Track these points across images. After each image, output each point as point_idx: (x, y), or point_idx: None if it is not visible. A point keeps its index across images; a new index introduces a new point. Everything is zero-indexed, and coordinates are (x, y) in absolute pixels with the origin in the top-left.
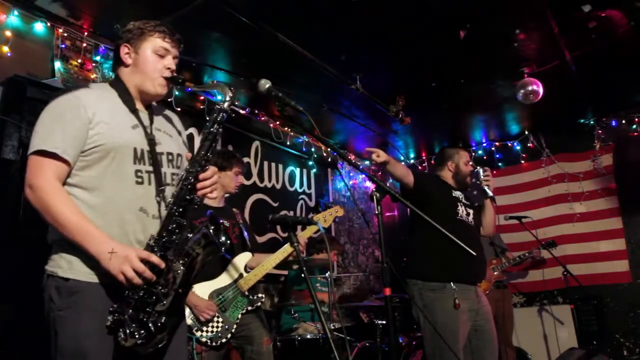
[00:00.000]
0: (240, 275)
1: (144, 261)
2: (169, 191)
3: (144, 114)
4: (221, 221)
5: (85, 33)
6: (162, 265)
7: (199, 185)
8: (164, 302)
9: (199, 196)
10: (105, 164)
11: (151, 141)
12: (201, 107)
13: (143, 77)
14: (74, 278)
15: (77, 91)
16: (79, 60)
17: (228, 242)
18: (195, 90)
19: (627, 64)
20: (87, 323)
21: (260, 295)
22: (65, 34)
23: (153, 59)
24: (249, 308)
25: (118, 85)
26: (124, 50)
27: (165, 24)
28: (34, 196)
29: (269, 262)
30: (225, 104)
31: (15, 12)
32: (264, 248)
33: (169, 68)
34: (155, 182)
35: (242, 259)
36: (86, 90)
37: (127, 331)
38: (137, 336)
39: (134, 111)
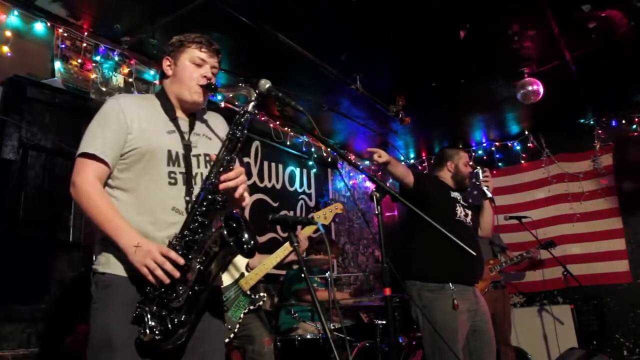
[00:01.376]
0: (242, 275)
1: (165, 257)
2: None
3: (183, 122)
4: (238, 215)
5: (85, 33)
6: (181, 261)
7: (221, 186)
8: (180, 299)
9: (222, 196)
10: (141, 166)
11: (186, 146)
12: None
13: (180, 86)
14: (109, 272)
15: (121, 98)
16: (79, 60)
17: (252, 241)
18: (226, 94)
19: (627, 64)
20: (116, 314)
21: (262, 294)
22: (65, 34)
23: (190, 69)
24: (251, 307)
25: (161, 95)
26: (165, 62)
27: (205, 36)
28: (75, 192)
29: (270, 261)
30: (250, 106)
31: (15, 12)
32: (263, 248)
33: (205, 76)
34: (187, 183)
35: (243, 258)
36: (129, 98)
37: (147, 326)
38: (155, 332)
39: (174, 119)
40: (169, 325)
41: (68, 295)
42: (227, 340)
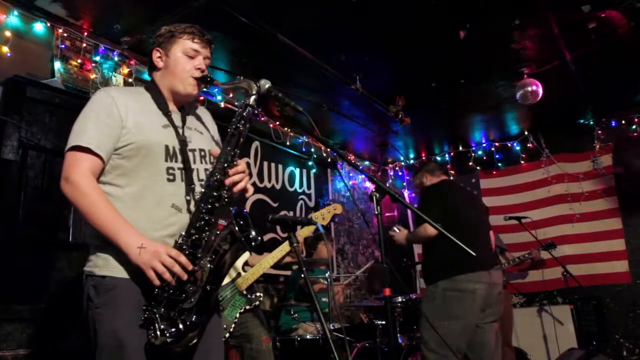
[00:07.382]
0: (238, 274)
1: (174, 259)
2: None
3: (176, 115)
4: (246, 213)
5: (85, 33)
6: (190, 266)
7: (227, 180)
8: (192, 299)
9: (227, 192)
10: (137, 162)
11: (182, 142)
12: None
13: (173, 78)
14: (110, 275)
15: (112, 90)
16: (79, 61)
17: (259, 237)
18: (223, 88)
19: (627, 64)
20: (124, 318)
21: (258, 294)
22: (65, 34)
23: (183, 60)
24: (247, 307)
25: (151, 88)
26: (155, 54)
27: (195, 26)
28: (69, 189)
29: (266, 261)
30: (251, 99)
31: (15, 12)
32: (263, 248)
33: (199, 68)
34: (186, 179)
35: (240, 258)
36: (120, 90)
37: (157, 329)
38: (167, 334)
39: (167, 113)
40: (181, 327)
41: (68, 295)
42: (222, 339)
